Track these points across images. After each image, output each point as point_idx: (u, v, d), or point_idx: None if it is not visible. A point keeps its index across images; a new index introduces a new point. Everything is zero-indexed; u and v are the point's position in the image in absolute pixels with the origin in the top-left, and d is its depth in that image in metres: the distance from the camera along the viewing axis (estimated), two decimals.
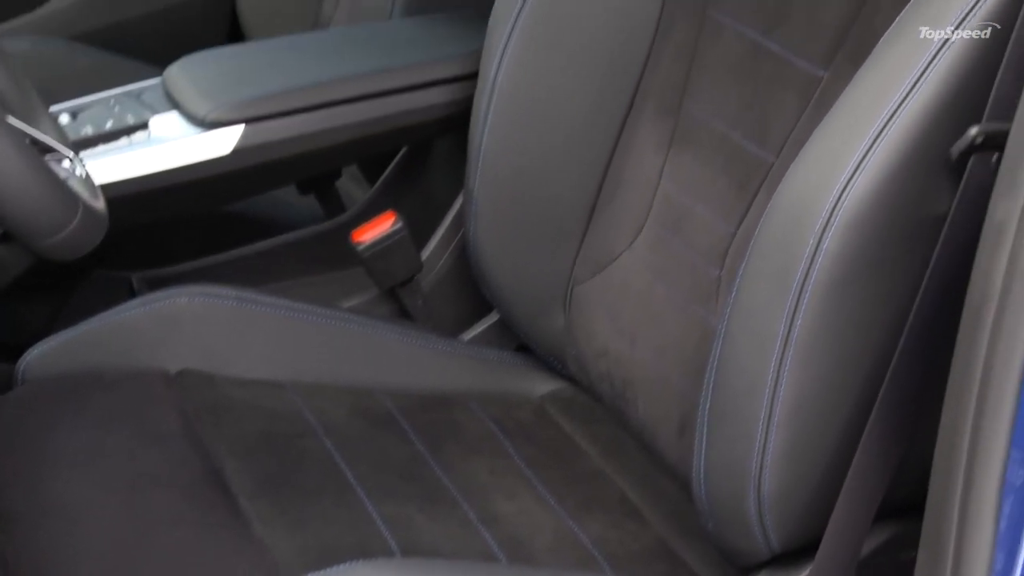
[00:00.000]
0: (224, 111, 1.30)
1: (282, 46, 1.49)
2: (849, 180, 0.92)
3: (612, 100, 1.28)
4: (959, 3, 0.89)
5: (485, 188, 1.31)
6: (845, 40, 1.08)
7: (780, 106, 1.14)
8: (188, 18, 1.99)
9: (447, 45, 1.45)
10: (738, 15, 1.19)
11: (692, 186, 1.22)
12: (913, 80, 0.90)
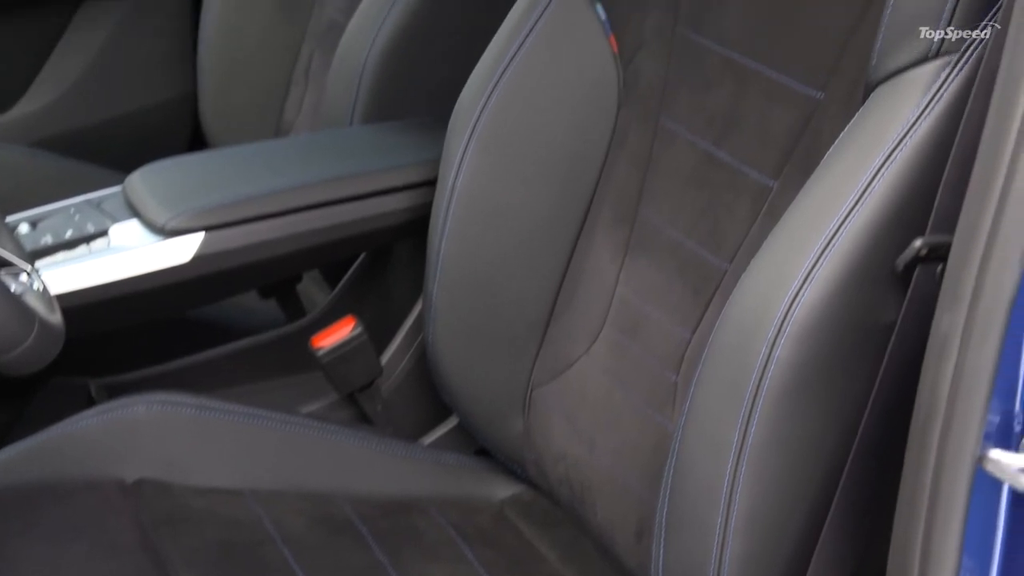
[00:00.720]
0: (183, 219, 1.31)
1: (243, 154, 1.51)
2: (798, 291, 0.93)
3: (569, 207, 1.30)
4: (900, 121, 0.92)
5: (444, 293, 1.32)
6: (794, 151, 1.11)
7: (732, 214, 1.16)
8: (151, 124, 2.00)
9: (406, 152, 1.47)
10: (690, 125, 1.21)
11: (648, 292, 1.24)
12: (858, 193, 0.92)
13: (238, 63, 1.88)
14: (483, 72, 1.30)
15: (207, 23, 1.88)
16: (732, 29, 1.17)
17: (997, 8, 0.88)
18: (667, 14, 1.23)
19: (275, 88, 1.87)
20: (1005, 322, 0.80)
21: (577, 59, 1.28)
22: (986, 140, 0.81)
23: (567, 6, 1.27)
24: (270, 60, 1.87)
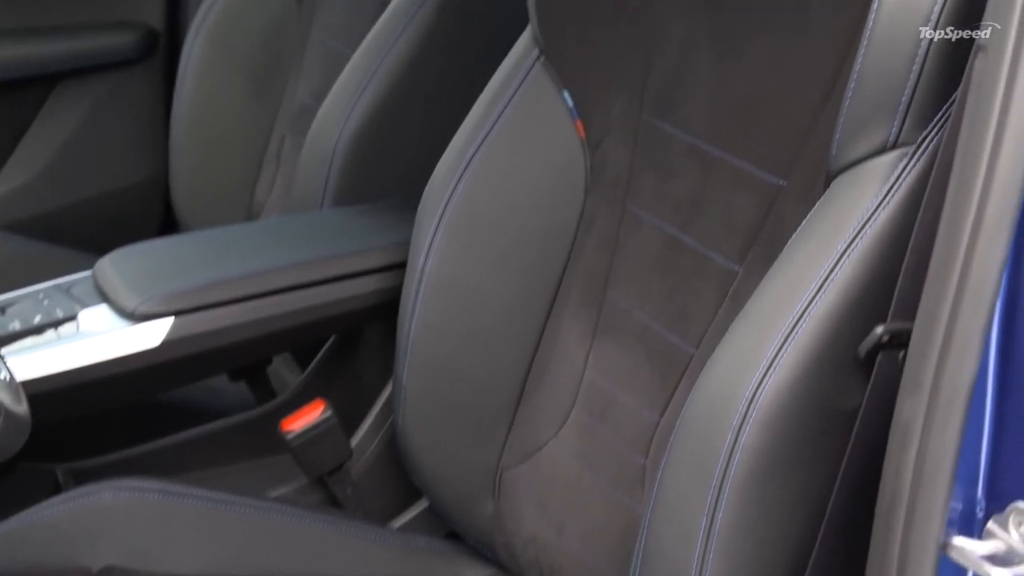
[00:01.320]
0: (153, 304, 1.31)
1: (213, 237, 1.52)
2: (763, 377, 0.94)
3: (537, 290, 1.31)
4: (859, 210, 0.93)
5: (413, 376, 1.32)
6: (757, 237, 1.12)
7: (698, 299, 1.17)
8: (122, 205, 2.01)
9: (376, 235, 1.48)
10: (656, 211, 1.23)
11: (617, 375, 1.25)
12: (820, 281, 0.94)
13: (210, 145, 1.89)
14: (452, 156, 1.31)
15: (180, 105, 1.89)
16: (696, 117, 1.19)
17: (951, 102, 0.91)
18: (632, 101, 1.26)
19: (247, 170, 1.89)
20: (966, 409, 0.81)
21: (545, 144, 1.29)
22: (943, 229, 0.83)
23: (535, 93, 1.29)
24: (242, 142, 1.89)
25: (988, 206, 0.78)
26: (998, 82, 0.76)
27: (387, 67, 1.57)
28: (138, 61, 2.01)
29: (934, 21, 0.89)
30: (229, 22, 1.86)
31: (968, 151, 0.80)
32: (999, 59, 0.77)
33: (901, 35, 0.91)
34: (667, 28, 1.21)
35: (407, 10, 1.57)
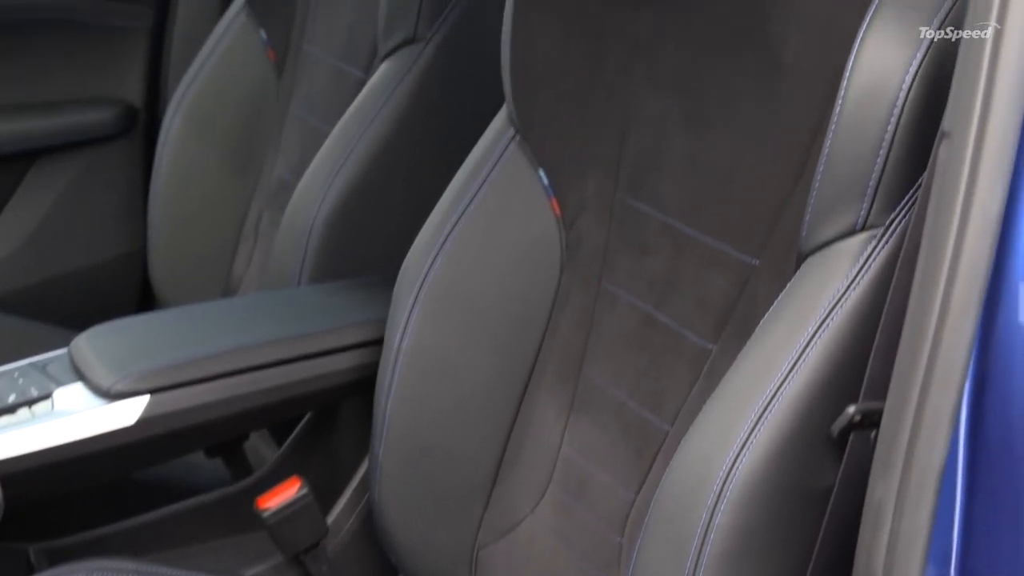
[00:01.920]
0: (129, 382, 1.31)
1: (190, 314, 1.52)
2: (737, 456, 0.95)
3: (513, 367, 1.31)
4: (830, 291, 0.95)
5: (390, 452, 1.32)
6: (731, 315, 1.13)
7: (673, 376, 1.18)
8: (100, 280, 2.01)
9: (353, 312, 1.48)
10: (630, 288, 1.24)
11: (593, 452, 1.25)
12: (792, 361, 0.95)
13: (188, 219, 1.90)
14: (429, 234, 1.32)
15: (158, 180, 1.90)
16: (670, 196, 1.20)
17: (918, 185, 0.92)
18: (607, 179, 1.27)
19: (224, 244, 1.89)
20: (937, 490, 0.81)
21: (521, 222, 1.30)
22: (911, 311, 0.84)
23: (511, 171, 1.30)
24: (220, 217, 1.89)
25: (955, 290, 0.79)
26: (962, 168, 0.78)
27: (365, 144, 1.58)
28: (117, 136, 2.02)
29: (899, 107, 0.91)
30: (208, 98, 1.87)
31: (934, 235, 0.81)
32: (963, 146, 0.78)
33: (868, 120, 0.92)
34: (641, 107, 1.23)
35: (385, 88, 1.59)
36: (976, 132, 0.77)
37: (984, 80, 0.77)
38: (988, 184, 0.78)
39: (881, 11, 0.94)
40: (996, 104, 0.77)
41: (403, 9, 1.58)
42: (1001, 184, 0.78)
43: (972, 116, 0.78)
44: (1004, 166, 0.78)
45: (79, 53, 2.01)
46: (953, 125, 0.79)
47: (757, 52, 1.10)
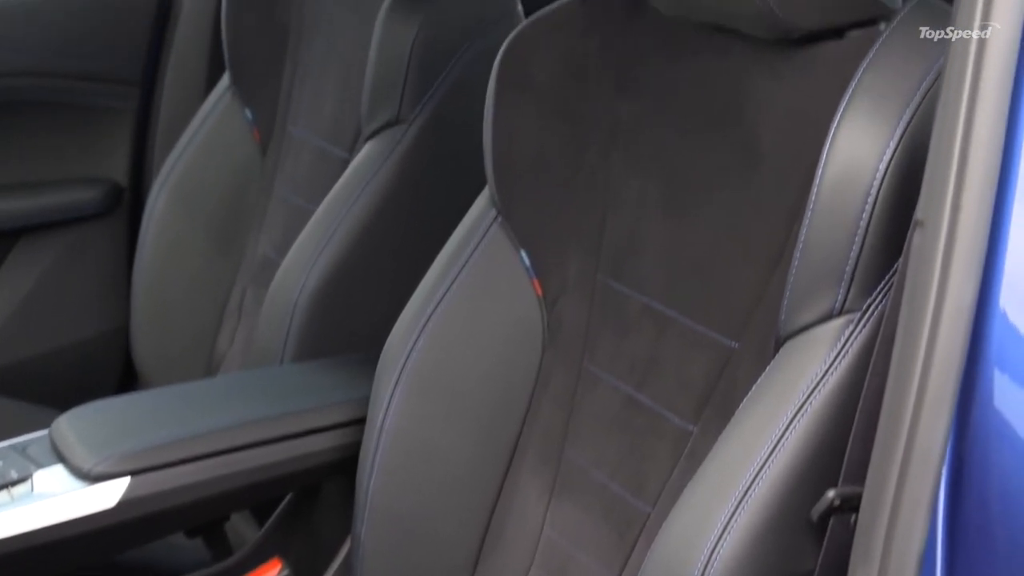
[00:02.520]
0: (109, 464, 1.31)
1: (172, 395, 1.52)
2: (718, 540, 0.95)
3: (496, 447, 1.31)
4: (808, 375, 0.95)
5: (372, 533, 1.32)
6: (711, 398, 1.14)
7: (654, 458, 1.18)
8: (82, 358, 2.01)
9: (336, 391, 1.48)
10: (612, 368, 1.25)
11: (575, 534, 1.25)
12: (772, 445, 0.95)
13: (172, 296, 1.90)
14: (412, 313, 1.33)
15: (142, 258, 1.90)
16: (650, 277, 1.21)
17: (894, 271, 0.93)
18: (588, 261, 1.28)
19: (208, 322, 1.89)
20: None
21: (503, 302, 1.31)
22: (888, 398, 0.84)
23: (493, 252, 1.31)
24: (203, 295, 1.90)
25: (931, 376, 0.80)
26: (935, 257, 0.79)
27: (348, 224, 1.60)
28: (102, 215, 2.03)
29: (874, 194, 0.93)
30: (193, 176, 1.88)
31: (909, 322, 0.82)
32: (935, 235, 0.79)
33: (843, 207, 0.94)
34: (621, 190, 1.25)
35: (368, 168, 1.60)
36: (948, 222, 0.79)
37: (955, 171, 0.79)
38: (961, 273, 0.79)
39: (855, 101, 0.95)
40: (967, 195, 0.78)
41: (387, 91, 1.60)
42: (974, 273, 0.79)
43: (944, 206, 0.79)
44: (976, 256, 0.79)
45: (65, 132, 2.03)
46: (926, 215, 0.81)
47: (734, 139, 1.12)
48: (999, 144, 0.79)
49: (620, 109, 1.24)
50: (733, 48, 1.13)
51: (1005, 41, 0.79)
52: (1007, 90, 0.78)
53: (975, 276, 0.80)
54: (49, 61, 1.96)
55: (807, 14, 1.02)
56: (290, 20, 1.86)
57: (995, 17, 0.79)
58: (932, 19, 0.99)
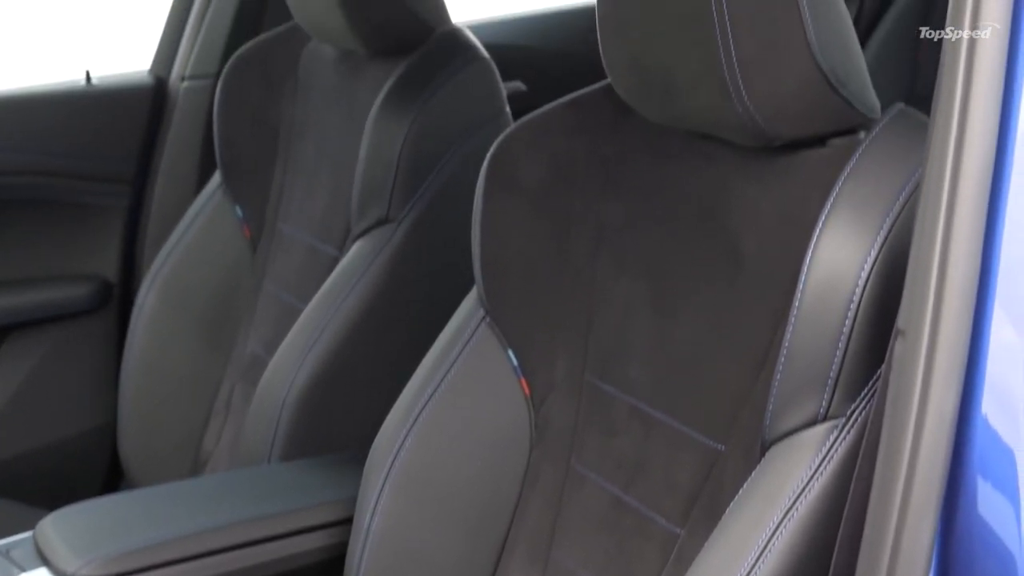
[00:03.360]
0: (94, 567, 1.29)
1: (157, 496, 1.51)
2: None
3: (483, 548, 1.31)
4: (793, 481, 0.96)
5: None
6: (698, 500, 1.14)
7: (642, 560, 1.18)
8: (69, 455, 2.00)
9: (323, 491, 1.47)
10: (599, 469, 1.25)
11: None
12: (759, 550, 0.95)
13: (159, 394, 1.90)
14: (400, 414, 1.33)
15: (131, 355, 1.91)
16: (637, 378, 1.22)
17: (877, 376, 0.94)
18: (576, 361, 1.29)
19: (195, 419, 1.89)
20: None
21: (491, 402, 1.32)
22: (874, 503, 0.85)
23: (481, 351, 1.32)
24: (192, 391, 1.90)
25: (915, 483, 0.81)
26: (917, 367, 0.80)
27: (337, 322, 1.60)
28: (91, 312, 2.03)
29: (856, 301, 0.94)
30: (183, 273, 1.89)
31: (893, 430, 0.83)
32: (916, 344, 0.80)
33: (826, 314, 0.95)
34: (607, 290, 1.26)
35: (358, 267, 1.61)
36: (929, 331, 0.80)
37: (935, 281, 0.80)
38: (943, 381, 0.80)
39: (836, 209, 0.97)
40: (947, 304, 0.80)
41: (376, 191, 1.62)
42: (955, 381, 0.80)
43: (925, 316, 0.80)
44: (957, 364, 0.80)
45: (56, 229, 2.04)
46: (907, 324, 0.82)
47: (719, 242, 1.13)
48: (977, 255, 0.81)
49: (606, 210, 1.26)
50: (718, 153, 1.15)
51: (982, 152, 0.81)
52: (983, 206, 0.80)
53: (957, 384, 0.81)
54: (42, 160, 1.98)
55: (789, 124, 1.04)
56: (281, 120, 1.89)
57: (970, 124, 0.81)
58: (911, 130, 1.01)
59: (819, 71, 1.00)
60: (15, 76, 2.28)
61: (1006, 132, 0.83)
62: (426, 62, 1.65)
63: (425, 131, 1.61)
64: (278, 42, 1.89)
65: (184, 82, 2.08)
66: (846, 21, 1.05)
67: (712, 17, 1.01)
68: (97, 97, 2.03)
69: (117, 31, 4.21)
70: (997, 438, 0.83)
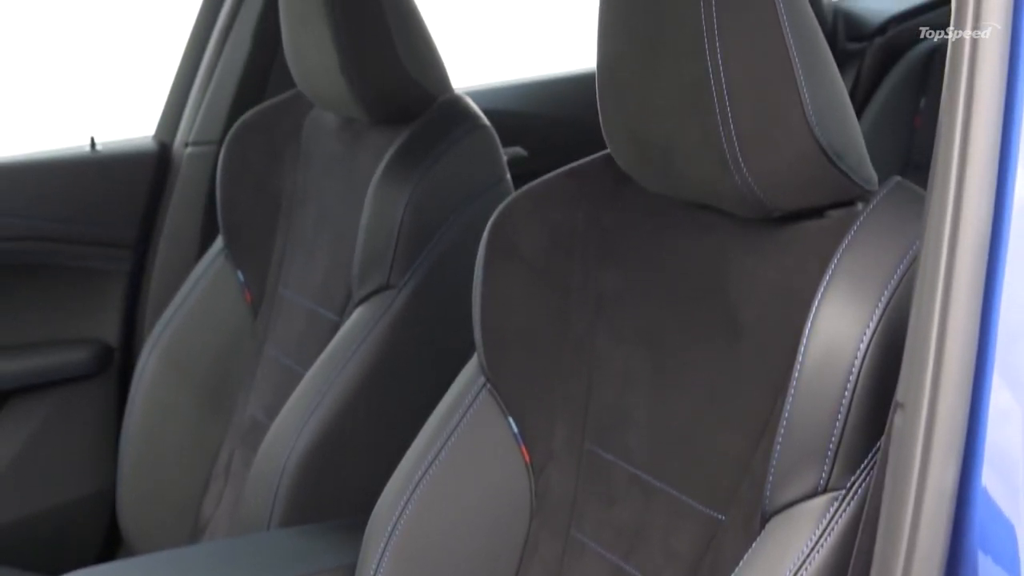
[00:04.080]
0: None
1: (158, 563, 1.50)
2: None
3: None
4: (793, 554, 0.95)
5: None
6: (699, 569, 1.13)
7: None
8: (67, 519, 1.99)
9: (323, 557, 1.47)
10: (599, 538, 1.24)
11: None
12: None
13: (159, 459, 1.90)
14: (400, 480, 1.33)
15: (131, 419, 1.91)
16: (637, 447, 1.22)
17: (877, 448, 0.94)
18: (575, 429, 1.29)
19: (195, 484, 1.89)
20: None
21: (491, 469, 1.31)
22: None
23: (481, 418, 1.32)
24: (191, 456, 1.89)
25: (915, 559, 0.81)
26: (916, 441, 0.80)
27: (338, 388, 1.61)
28: (91, 376, 2.04)
29: (855, 374, 0.94)
30: (184, 338, 1.90)
31: (893, 504, 0.83)
32: (916, 418, 0.81)
33: (825, 386, 0.95)
34: (606, 359, 1.26)
35: (358, 333, 1.62)
36: (928, 405, 0.80)
37: (933, 354, 0.81)
38: (942, 455, 0.80)
39: (835, 282, 0.98)
40: (946, 378, 0.80)
41: (377, 257, 1.63)
42: (955, 455, 0.80)
43: (924, 390, 0.80)
44: (957, 438, 0.80)
45: (57, 293, 2.05)
46: (906, 397, 0.82)
47: (717, 312, 1.14)
48: (975, 328, 0.81)
49: (605, 280, 1.27)
50: (716, 223, 1.16)
51: (978, 224, 0.82)
52: (981, 279, 0.80)
53: (956, 457, 0.81)
54: (46, 226, 2.00)
55: (788, 196, 1.05)
56: (283, 186, 1.90)
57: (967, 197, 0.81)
58: (908, 203, 1.02)
59: (817, 145, 1.01)
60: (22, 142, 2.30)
61: (1002, 204, 0.84)
62: (428, 130, 1.66)
63: (426, 198, 1.62)
64: (281, 109, 1.91)
65: (188, 148, 2.10)
66: (843, 94, 1.06)
67: (711, 89, 1.03)
68: (101, 163, 2.05)
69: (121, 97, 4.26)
70: (997, 511, 0.83)
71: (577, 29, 2.59)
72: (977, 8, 0.80)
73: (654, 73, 1.08)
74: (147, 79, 2.92)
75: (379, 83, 1.67)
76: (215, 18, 2.10)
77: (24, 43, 5.12)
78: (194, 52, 2.13)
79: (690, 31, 1.03)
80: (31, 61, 5.05)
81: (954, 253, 0.81)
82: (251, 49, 2.08)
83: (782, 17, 1.00)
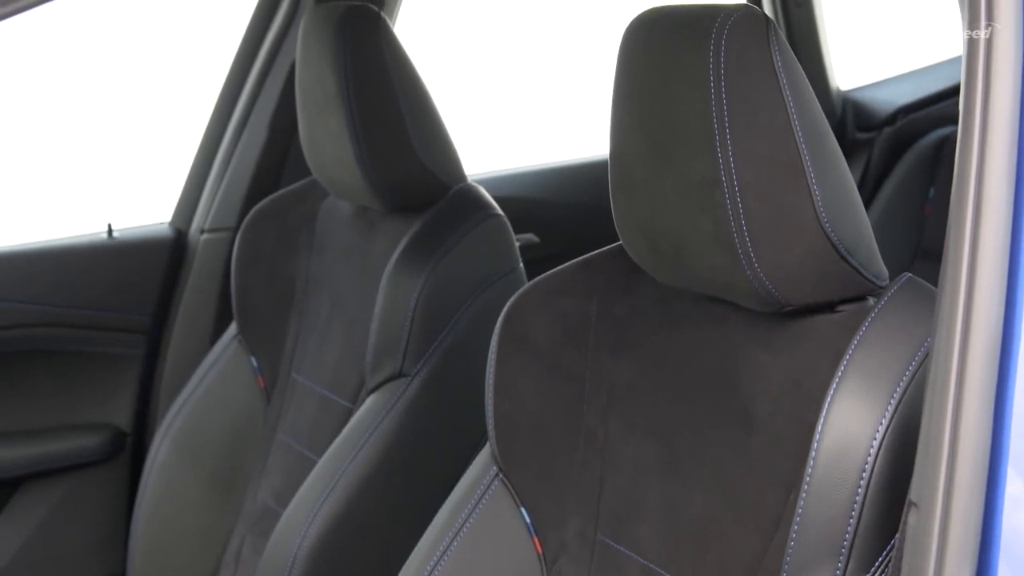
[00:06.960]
0: None
1: None
2: None
3: None
4: None
5: None
6: None
7: None
8: None
9: None
10: None
11: None
12: None
13: (170, 546, 1.89)
14: (413, 569, 1.32)
15: (143, 505, 1.90)
16: (648, 541, 1.21)
17: (891, 547, 0.94)
18: (587, 521, 1.28)
19: (205, 571, 1.88)
20: None
21: (503, 559, 1.31)
22: None
23: (493, 508, 1.32)
24: (202, 543, 1.89)
25: None
26: (931, 541, 0.80)
27: (350, 476, 1.60)
28: (103, 462, 2.04)
29: (868, 471, 0.94)
30: (196, 423, 1.90)
31: None
32: (930, 518, 0.81)
33: (838, 483, 0.95)
34: (619, 451, 1.26)
35: (371, 421, 1.62)
36: (942, 505, 0.80)
37: (947, 453, 0.81)
38: (957, 556, 0.80)
39: (847, 378, 0.98)
40: (959, 477, 0.80)
41: (390, 345, 1.64)
42: (970, 554, 0.80)
43: (937, 489, 0.80)
44: (972, 537, 0.80)
45: (71, 378, 2.06)
46: (920, 496, 0.82)
47: (729, 406, 1.14)
48: (988, 426, 0.82)
49: (617, 373, 1.27)
50: (728, 316, 1.16)
51: (990, 321, 0.82)
52: (993, 377, 0.81)
53: (972, 556, 0.81)
54: (62, 312, 2.01)
55: (799, 291, 1.06)
56: (297, 273, 1.92)
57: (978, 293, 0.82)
58: (919, 299, 1.02)
59: (828, 241, 1.02)
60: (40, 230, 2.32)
61: (1013, 301, 0.84)
62: (441, 219, 1.68)
63: (439, 287, 1.63)
64: (296, 197, 1.93)
65: (203, 234, 2.12)
66: (852, 189, 1.07)
67: (722, 185, 1.04)
68: (118, 249, 2.07)
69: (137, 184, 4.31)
70: None
71: (590, 118, 2.62)
72: (985, 111, 0.82)
73: (665, 169, 1.09)
74: (165, 166, 2.95)
75: (393, 173, 1.69)
76: (233, 107, 2.13)
77: (44, 131, 5.20)
78: (212, 140, 2.16)
79: (701, 128, 1.04)
80: (51, 149, 5.13)
81: (966, 351, 0.81)
82: (267, 137, 2.11)
83: (792, 115, 1.02)
